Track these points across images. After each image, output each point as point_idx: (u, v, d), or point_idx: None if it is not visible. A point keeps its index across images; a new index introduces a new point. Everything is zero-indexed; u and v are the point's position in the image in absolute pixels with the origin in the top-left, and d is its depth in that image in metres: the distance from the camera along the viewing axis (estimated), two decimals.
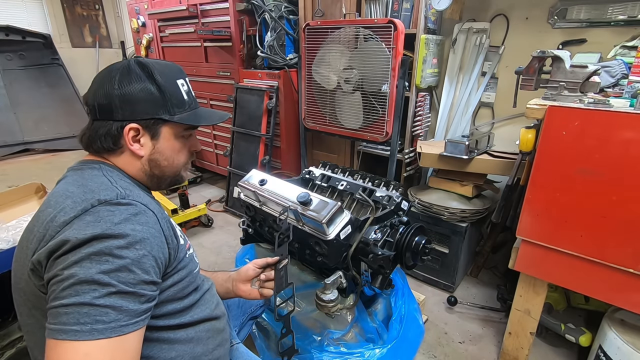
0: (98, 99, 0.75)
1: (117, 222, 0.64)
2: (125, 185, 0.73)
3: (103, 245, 0.61)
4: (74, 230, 0.62)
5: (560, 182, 1.18)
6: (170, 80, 0.79)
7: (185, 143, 0.85)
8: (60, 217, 0.64)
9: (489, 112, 2.30)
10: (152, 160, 0.80)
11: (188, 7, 2.89)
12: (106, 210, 0.65)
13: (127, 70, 0.75)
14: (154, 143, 0.79)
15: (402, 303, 1.34)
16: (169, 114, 0.78)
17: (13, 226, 1.58)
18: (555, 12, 1.92)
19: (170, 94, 0.78)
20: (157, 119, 0.77)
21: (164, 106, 0.77)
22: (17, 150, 4.31)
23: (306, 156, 2.64)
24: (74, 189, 0.69)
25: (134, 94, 0.75)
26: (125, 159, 0.79)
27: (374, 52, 1.95)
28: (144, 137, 0.78)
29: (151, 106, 0.76)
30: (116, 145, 0.77)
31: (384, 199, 1.33)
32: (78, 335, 0.56)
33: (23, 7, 4.63)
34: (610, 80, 1.50)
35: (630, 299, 1.15)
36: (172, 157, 0.83)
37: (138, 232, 0.65)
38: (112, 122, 0.75)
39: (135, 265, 0.63)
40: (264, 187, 1.25)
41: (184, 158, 0.86)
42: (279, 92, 2.60)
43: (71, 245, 0.60)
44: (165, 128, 0.79)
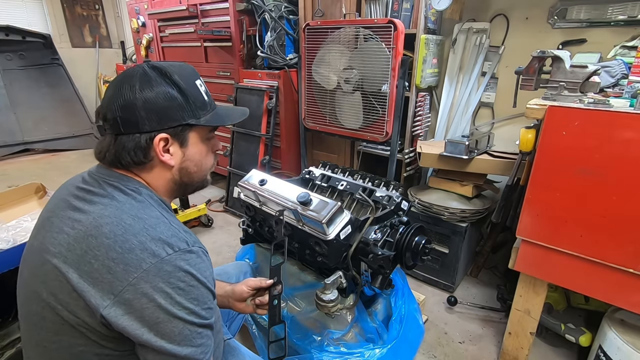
0: (120, 111, 0.70)
1: (207, 276, 0.69)
2: (177, 223, 0.73)
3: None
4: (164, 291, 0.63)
5: (560, 182, 1.18)
6: (190, 82, 0.76)
7: (209, 145, 0.83)
8: (131, 261, 0.63)
9: (489, 112, 2.30)
10: (182, 168, 0.78)
11: (188, 7, 2.89)
12: (183, 260, 0.66)
13: (145, 77, 0.71)
14: (183, 151, 0.76)
15: (402, 303, 1.34)
16: (195, 118, 0.75)
17: (13, 226, 1.58)
18: (555, 12, 1.92)
19: (193, 97, 0.75)
20: (185, 124, 0.74)
21: (190, 110, 0.74)
22: (17, 150, 4.31)
23: (306, 156, 2.64)
24: (131, 222, 0.66)
25: (158, 101, 0.71)
26: (156, 172, 0.76)
27: (374, 52, 1.95)
28: (174, 145, 0.75)
29: (177, 112, 0.73)
30: (146, 158, 0.73)
31: (384, 199, 1.33)
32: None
33: (23, 7, 4.63)
34: (610, 80, 1.50)
35: (630, 299, 1.15)
36: (201, 161, 0.81)
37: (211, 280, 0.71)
38: (140, 135, 0.71)
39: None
40: (264, 187, 1.25)
41: (211, 161, 0.84)
42: (279, 92, 2.60)
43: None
44: (192, 133, 0.77)
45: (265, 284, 1.00)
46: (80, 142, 4.66)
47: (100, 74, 5.16)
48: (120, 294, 0.61)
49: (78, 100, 4.73)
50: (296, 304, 1.34)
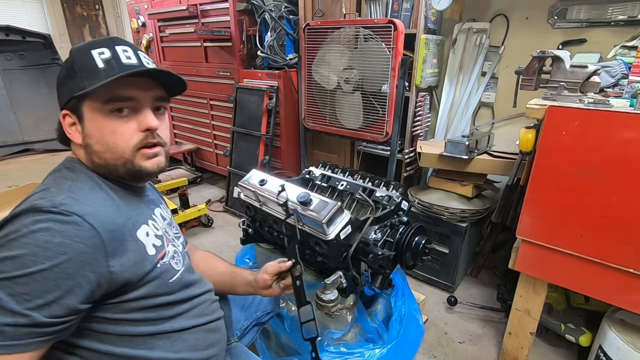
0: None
1: (35, 230, 0.58)
2: (81, 187, 0.68)
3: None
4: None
5: (560, 182, 1.18)
6: (83, 52, 0.70)
7: (121, 121, 0.71)
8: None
9: (489, 112, 2.30)
10: (86, 146, 0.72)
11: (188, 7, 2.89)
12: (33, 215, 0.60)
13: (66, 60, 0.73)
14: (82, 126, 0.71)
15: (402, 303, 1.34)
16: (79, 89, 0.68)
17: None
18: (555, 12, 1.92)
19: (79, 67, 0.69)
20: (73, 97, 0.69)
21: (75, 83, 0.69)
22: (17, 150, 4.31)
23: (306, 156, 2.64)
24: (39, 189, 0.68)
25: (59, 79, 0.73)
26: (74, 149, 0.76)
27: (374, 52, 1.95)
28: (76, 123, 0.72)
29: (66, 87, 0.70)
30: (65, 137, 0.74)
31: (384, 199, 1.33)
32: None
33: (23, 7, 4.63)
34: (610, 80, 1.50)
35: (630, 299, 1.15)
36: (105, 139, 0.70)
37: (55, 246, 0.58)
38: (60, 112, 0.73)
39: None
40: (264, 187, 1.25)
41: (124, 140, 0.71)
42: (279, 92, 2.60)
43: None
44: (85, 107, 0.70)
45: (285, 267, 0.99)
46: None
47: None
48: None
49: None
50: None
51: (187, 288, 0.83)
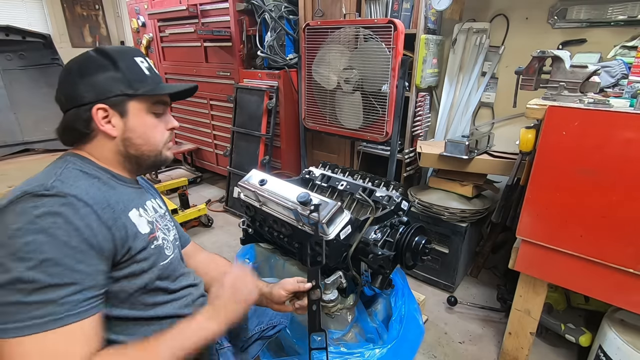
0: (64, 90, 0.78)
1: (38, 215, 0.62)
2: (68, 175, 0.72)
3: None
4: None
5: (560, 182, 1.18)
6: (127, 57, 0.80)
7: (159, 119, 0.85)
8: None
9: (489, 112, 2.30)
10: (126, 139, 0.80)
11: (188, 7, 2.89)
12: (30, 201, 0.63)
13: (86, 58, 0.78)
14: (124, 121, 0.79)
15: (402, 303, 1.34)
16: (133, 89, 0.79)
17: None
18: (555, 12, 1.92)
19: (129, 70, 0.79)
20: (121, 95, 0.78)
21: (125, 82, 0.78)
22: (17, 150, 4.30)
23: (306, 156, 2.64)
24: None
25: (95, 76, 0.76)
26: (98, 143, 0.79)
27: (374, 52, 1.95)
28: (114, 117, 0.78)
29: (112, 84, 0.77)
30: (88, 129, 0.77)
31: (384, 199, 1.33)
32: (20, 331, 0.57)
33: (23, 7, 4.63)
34: (610, 80, 1.50)
35: (630, 299, 1.15)
36: (147, 133, 0.82)
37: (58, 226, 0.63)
38: (81, 107, 0.76)
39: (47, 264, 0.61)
40: (264, 187, 1.25)
41: (160, 135, 0.85)
42: (279, 92, 2.60)
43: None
44: (132, 104, 0.79)
45: (303, 288, 0.96)
46: None
47: None
48: None
49: None
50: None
51: (176, 277, 0.86)
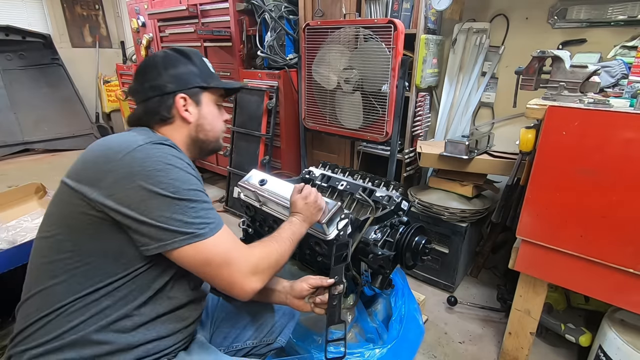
0: (148, 81, 0.89)
1: (181, 164, 0.78)
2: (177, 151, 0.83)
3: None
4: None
5: (560, 182, 1.18)
6: (199, 57, 0.97)
7: (220, 111, 1.00)
8: (110, 154, 0.74)
9: (489, 112, 2.30)
10: (199, 125, 0.94)
11: (188, 7, 2.89)
12: (155, 148, 0.77)
13: (166, 55, 0.92)
14: (198, 109, 0.93)
15: (402, 303, 1.34)
16: (206, 83, 0.95)
17: (13, 226, 1.58)
18: (555, 12, 1.92)
19: (203, 68, 0.96)
20: (198, 87, 0.93)
21: (201, 76, 0.94)
22: (17, 150, 4.31)
23: (306, 156, 2.64)
24: (125, 134, 0.82)
25: (177, 70, 0.91)
26: (174, 127, 0.91)
27: (374, 52, 1.95)
28: (191, 105, 0.92)
29: (192, 77, 0.92)
30: (169, 114, 0.89)
31: (384, 199, 1.33)
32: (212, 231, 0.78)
33: (23, 7, 4.63)
34: (610, 80, 1.50)
35: (630, 299, 1.15)
36: (214, 122, 0.97)
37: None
38: (164, 95, 0.89)
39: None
40: (264, 187, 1.25)
41: (221, 124, 1.00)
42: (279, 92, 2.60)
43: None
44: (205, 95, 0.95)
45: (326, 283, 0.99)
46: (80, 142, 4.65)
47: (100, 74, 5.16)
48: (104, 179, 0.72)
49: (78, 100, 4.73)
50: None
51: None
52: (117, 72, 4.49)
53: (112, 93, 4.96)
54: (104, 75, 5.14)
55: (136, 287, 0.76)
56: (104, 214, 0.72)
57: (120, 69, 4.40)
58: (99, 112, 5.23)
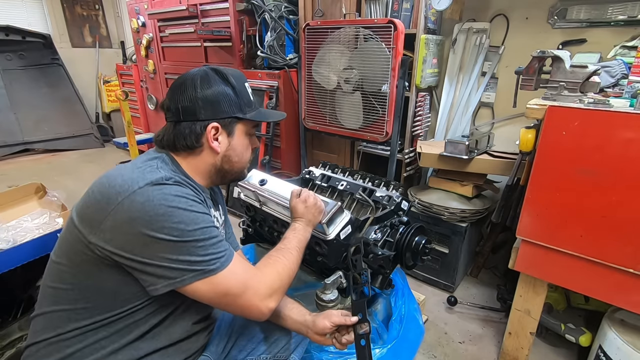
0: (182, 102, 0.84)
1: (185, 203, 0.74)
2: (180, 177, 0.81)
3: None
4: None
5: (560, 182, 1.18)
6: (240, 82, 0.90)
7: (250, 140, 0.95)
8: (112, 194, 0.72)
9: (489, 112, 2.30)
10: (226, 156, 0.90)
11: (188, 7, 2.89)
12: (156, 190, 0.73)
13: (206, 76, 0.85)
14: (229, 140, 0.89)
15: (402, 303, 1.34)
16: (243, 113, 0.89)
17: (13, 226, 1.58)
18: (555, 12, 1.92)
19: (242, 95, 0.89)
20: (234, 117, 0.88)
21: (239, 106, 0.88)
22: (17, 150, 4.31)
23: (306, 156, 2.64)
24: (130, 168, 0.78)
25: (214, 95, 0.84)
26: (203, 156, 0.87)
27: (374, 52, 1.95)
28: (222, 135, 0.87)
29: (229, 106, 0.86)
30: (198, 143, 0.85)
31: (384, 199, 1.33)
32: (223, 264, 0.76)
33: (23, 7, 4.63)
34: (610, 80, 1.50)
35: (630, 299, 1.15)
36: (242, 153, 0.93)
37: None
38: (196, 122, 0.84)
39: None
40: (264, 187, 1.25)
41: (249, 155, 0.96)
42: (279, 92, 2.60)
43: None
44: (239, 126, 0.90)
45: (350, 322, 0.92)
46: (80, 142, 4.66)
47: (100, 74, 5.16)
48: (103, 223, 0.70)
49: (78, 100, 4.73)
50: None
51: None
52: (117, 72, 4.50)
53: (112, 93, 4.96)
54: (104, 75, 5.14)
55: (133, 321, 0.77)
56: (105, 256, 0.71)
57: (120, 69, 4.40)
58: (99, 112, 5.24)
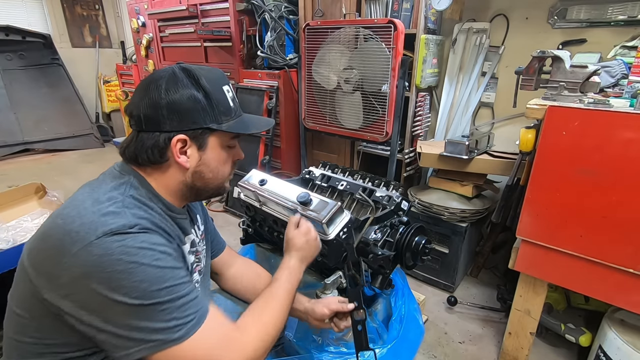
0: (144, 109, 0.71)
1: (149, 257, 0.63)
2: (141, 213, 0.69)
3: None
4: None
5: (560, 182, 1.18)
6: (217, 86, 0.75)
7: (230, 153, 0.81)
8: (66, 244, 0.61)
9: (489, 112, 2.30)
10: (196, 172, 0.77)
11: (188, 7, 2.89)
12: (116, 242, 0.62)
13: (173, 78, 0.72)
14: (200, 154, 0.76)
15: (402, 303, 1.34)
16: (217, 123, 0.75)
17: (13, 226, 1.58)
18: (555, 12, 1.92)
19: (217, 101, 0.74)
20: (205, 128, 0.74)
21: (212, 115, 0.74)
22: (17, 150, 4.32)
23: (306, 156, 2.64)
24: (89, 205, 0.66)
25: (181, 102, 0.71)
26: (170, 173, 0.75)
27: (374, 52, 1.95)
28: (191, 148, 0.74)
29: (199, 115, 0.72)
30: (162, 158, 0.73)
31: (384, 199, 1.32)
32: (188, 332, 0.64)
33: (23, 7, 4.63)
34: (610, 80, 1.50)
35: (630, 299, 1.15)
36: (218, 168, 0.79)
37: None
38: (159, 134, 0.71)
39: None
40: (264, 187, 1.25)
41: (228, 169, 0.83)
42: (279, 92, 2.60)
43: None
44: (212, 138, 0.76)
45: (347, 309, 0.95)
46: (80, 142, 4.66)
47: (100, 74, 5.16)
48: (60, 277, 0.61)
49: (78, 100, 4.73)
50: None
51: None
52: (117, 72, 4.50)
53: (112, 93, 4.97)
54: (104, 75, 5.15)
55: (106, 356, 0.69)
56: (58, 313, 0.63)
57: (120, 69, 4.41)
58: (99, 112, 5.24)
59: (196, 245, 0.89)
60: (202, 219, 0.98)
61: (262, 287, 0.99)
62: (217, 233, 1.09)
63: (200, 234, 0.94)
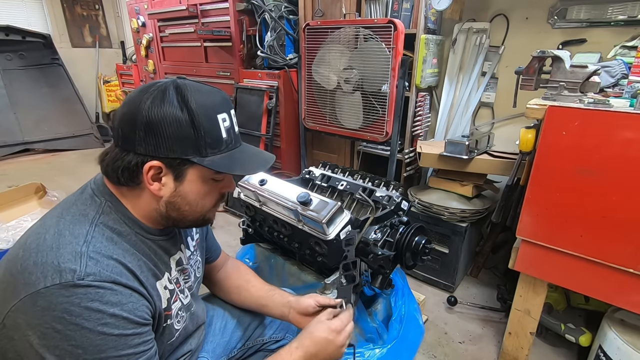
0: (123, 123, 0.64)
1: (99, 319, 0.57)
2: (98, 241, 0.62)
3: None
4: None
5: (560, 182, 1.18)
6: (209, 113, 0.65)
7: (215, 186, 0.73)
8: (18, 285, 0.57)
9: (489, 112, 2.30)
10: (171, 203, 0.69)
11: (188, 7, 2.89)
12: (63, 297, 0.55)
13: (161, 93, 0.63)
14: (176, 185, 0.67)
15: (402, 303, 1.34)
16: (199, 155, 0.65)
17: (13, 226, 1.59)
18: (555, 12, 1.92)
19: (205, 130, 0.65)
20: (184, 159, 0.65)
21: (195, 145, 0.65)
22: (17, 150, 4.32)
23: (306, 156, 2.64)
24: (51, 237, 0.60)
25: (161, 124, 0.62)
26: (144, 198, 0.68)
27: (374, 52, 1.95)
28: (167, 176, 0.66)
29: (179, 143, 0.63)
30: (134, 182, 0.66)
31: (384, 199, 1.33)
32: None
33: (23, 7, 4.63)
34: (610, 80, 1.50)
35: (630, 299, 1.15)
36: (196, 201, 0.71)
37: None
38: (133, 155, 0.63)
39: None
40: (264, 187, 1.25)
41: (210, 202, 0.74)
42: (279, 92, 2.60)
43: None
44: (192, 170, 0.67)
45: (334, 303, 0.89)
46: (80, 142, 4.66)
47: (100, 74, 5.16)
48: (4, 319, 0.57)
49: (78, 100, 4.74)
50: None
51: (175, 347, 0.81)
52: (117, 72, 4.50)
53: (112, 93, 4.97)
54: (104, 75, 5.15)
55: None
56: None
57: (120, 69, 4.40)
58: (99, 112, 5.24)
59: (183, 263, 0.83)
60: (195, 231, 0.94)
61: (249, 293, 1.01)
62: (214, 239, 1.07)
63: (194, 245, 0.90)
